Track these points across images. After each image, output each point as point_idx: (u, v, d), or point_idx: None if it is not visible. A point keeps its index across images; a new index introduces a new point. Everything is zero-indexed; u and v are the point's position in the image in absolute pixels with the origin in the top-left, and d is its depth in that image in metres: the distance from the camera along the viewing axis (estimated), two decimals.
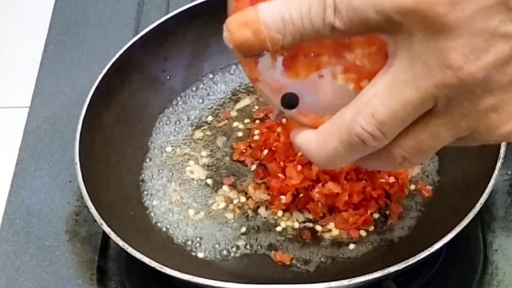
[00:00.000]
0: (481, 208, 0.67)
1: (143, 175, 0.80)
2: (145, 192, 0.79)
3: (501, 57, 0.41)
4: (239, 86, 0.87)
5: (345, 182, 0.74)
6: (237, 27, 0.43)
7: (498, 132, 0.44)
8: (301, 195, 0.75)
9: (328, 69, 0.45)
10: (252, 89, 0.86)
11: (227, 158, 0.81)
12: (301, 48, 0.44)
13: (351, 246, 0.73)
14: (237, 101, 0.86)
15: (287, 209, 0.76)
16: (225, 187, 0.79)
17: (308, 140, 0.46)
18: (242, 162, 0.80)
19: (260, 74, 0.45)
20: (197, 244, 0.75)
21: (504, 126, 0.43)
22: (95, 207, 0.70)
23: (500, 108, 0.43)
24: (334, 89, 0.45)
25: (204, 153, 0.82)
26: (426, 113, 0.43)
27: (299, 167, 0.74)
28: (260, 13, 0.42)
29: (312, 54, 0.44)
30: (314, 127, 0.46)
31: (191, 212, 0.77)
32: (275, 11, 0.42)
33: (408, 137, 0.44)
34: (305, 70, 0.44)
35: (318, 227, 0.75)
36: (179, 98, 0.86)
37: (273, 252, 0.73)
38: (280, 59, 0.45)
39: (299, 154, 0.74)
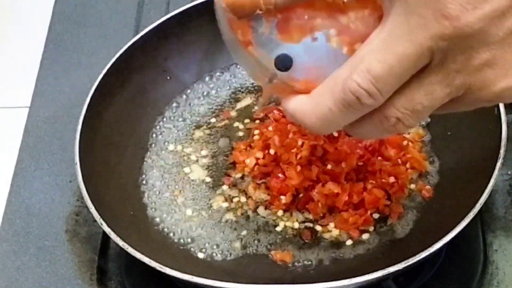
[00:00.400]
0: (481, 208, 0.67)
1: (143, 175, 0.80)
2: (145, 192, 0.79)
3: (498, 8, 0.41)
4: (239, 86, 0.87)
5: (345, 182, 0.74)
6: None
7: (492, 89, 0.43)
8: (301, 195, 0.75)
9: (321, 32, 0.44)
10: (252, 89, 0.86)
11: (227, 158, 0.81)
12: (295, 11, 0.44)
13: (351, 246, 0.73)
14: (237, 101, 0.86)
15: (287, 209, 0.76)
16: (225, 187, 0.79)
17: (301, 105, 0.45)
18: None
19: (253, 37, 0.44)
20: (197, 244, 0.75)
21: (498, 82, 0.43)
22: (95, 207, 0.70)
23: (495, 63, 0.42)
24: (328, 52, 0.45)
25: (204, 153, 0.82)
26: (421, 71, 0.43)
27: (299, 168, 0.74)
28: None
29: (306, 17, 0.44)
30: (307, 92, 0.45)
31: (191, 212, 0.77)
32: None
33: (402, 96, 0.44)
34: (299, 33, 0.44)
35: (318, 227, 0.75)
36: (179, 98, 0.86)
37: (273, 252, 0.73)
38: (274, 21, 0.44)
39: (299, 156, 0.74)
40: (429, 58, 0.42)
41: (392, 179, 0.75)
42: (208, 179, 0.79)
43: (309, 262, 0.72)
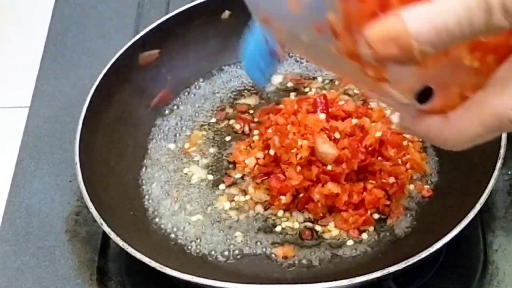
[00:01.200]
0: (481, 208, 0.67)
1: (143, 175, 0.80)
2: (145, 192, 0.79)
3: None
4: (240, 86, 0.87)
5: (345, 182, 0.74)
6: (383, 43, 0.38)
7: None
8: (301, 195, 0.75)
9: (454, 54, 0.41)
10: (252, 89, 0.86)
11: (227, 158, 0.81)
12: None
13: (351, 246, 0.73)
14: (237, 101, 0.86)
15: (287, 209, 0.76)
16: (225, 187, 0.79)
17: (436, 128, 0.43)
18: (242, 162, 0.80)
19: (389, 74, 0.41)
20: (197, 244, 0.75)
21: None
22: (95, 207, 0.70)
23: None
24: (459, 70, 0.42)
25: (204, 153, 0.82)
26: None
27: (299, 168, 0.74)
28: (408, 24, 0.38)
29: None
30: (437, 112, 0.43)
31: (191, 212, 0.77)
32: (426, 22, 0.38)
33: None
34: (434, 60, 0.41)
35: (318, 227, 0.75)
36: (179, 98, 0.86)
37: (275, 249, 0.73)
38: None
39: (298, 156, 0.74)
40: None
41: (392, 179, 0.75)
42: (208, 179, 0.79)
43: (309, 262, 0.72)
